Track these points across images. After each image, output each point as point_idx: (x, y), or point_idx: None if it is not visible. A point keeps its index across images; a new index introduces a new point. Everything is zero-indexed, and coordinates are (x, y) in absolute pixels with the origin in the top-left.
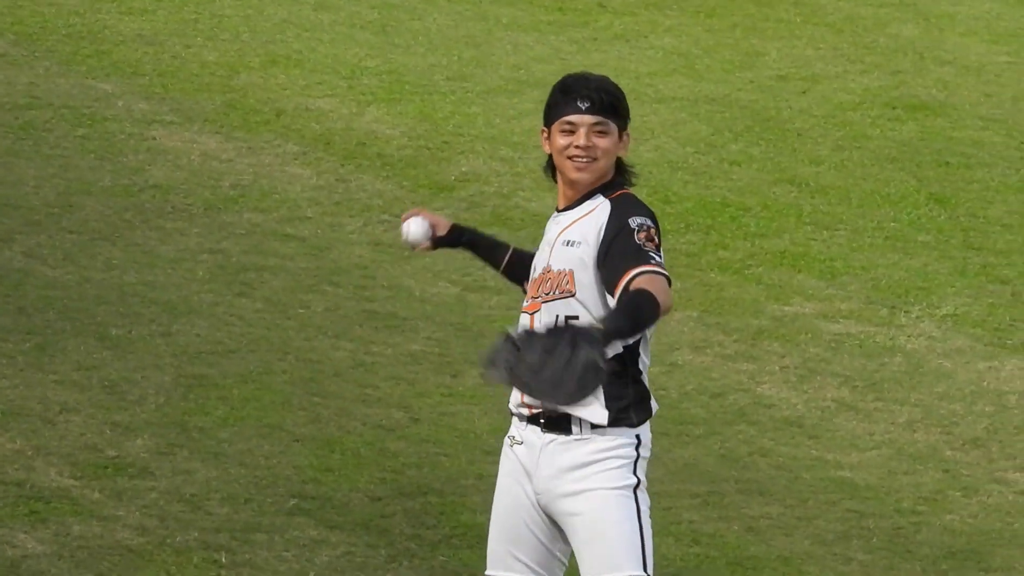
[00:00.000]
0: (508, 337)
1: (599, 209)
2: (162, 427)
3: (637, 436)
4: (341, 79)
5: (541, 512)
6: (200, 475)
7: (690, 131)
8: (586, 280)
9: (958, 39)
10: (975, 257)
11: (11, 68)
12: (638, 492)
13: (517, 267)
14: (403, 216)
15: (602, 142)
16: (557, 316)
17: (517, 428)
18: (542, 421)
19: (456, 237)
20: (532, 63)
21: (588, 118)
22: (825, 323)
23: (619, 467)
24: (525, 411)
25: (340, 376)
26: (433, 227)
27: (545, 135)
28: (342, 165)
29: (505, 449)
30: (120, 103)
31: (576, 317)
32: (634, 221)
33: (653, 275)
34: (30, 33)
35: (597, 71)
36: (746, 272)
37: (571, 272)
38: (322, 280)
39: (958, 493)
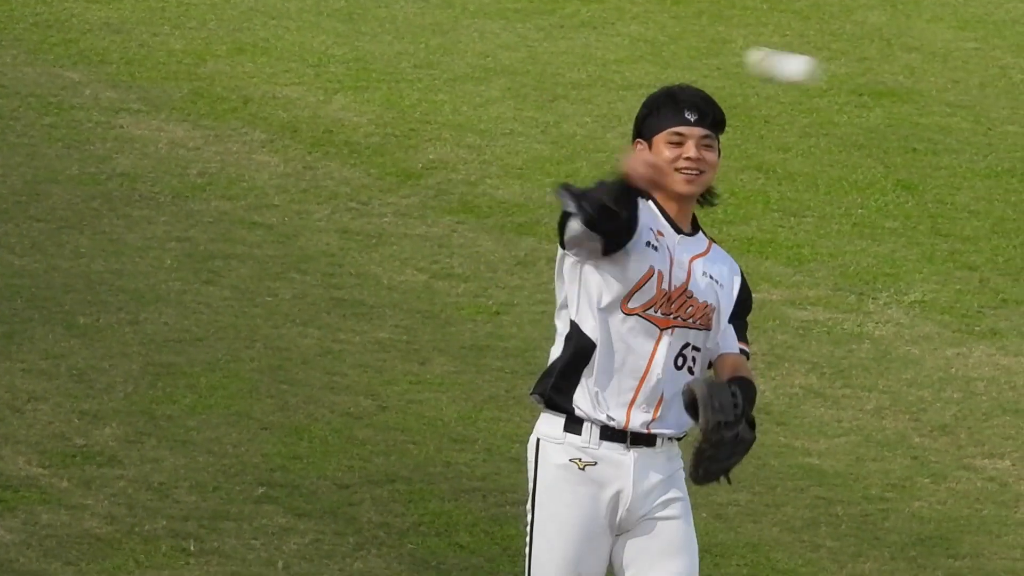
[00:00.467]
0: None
1: (718, 258)
2: (130, 415)
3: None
4: (308, 67)
5: (613, 530)
6: (168, 463)
7: None
8: (719, 322)
9: (925, 25)
10: (943, 243)
11: None
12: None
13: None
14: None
15: (710, 156)
16: (687, 344)
17: (589, 447)
18: (630, 437)
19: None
20: (499, 50)
21: (698, 130)
22: (793, 310)
23: (683, 474)
24: (624, 425)
25: (308, 364)
26: None
27: (641, 147)
28: (309, 153)
29: (563, 479)
30: (87, 91)
31: (699, 351)
32: (751, 296)
33: (746, 353)
34: None
35: (564, 58)
36: None
37: (715, 309)
38: (289, 268)
39: (926, 480)
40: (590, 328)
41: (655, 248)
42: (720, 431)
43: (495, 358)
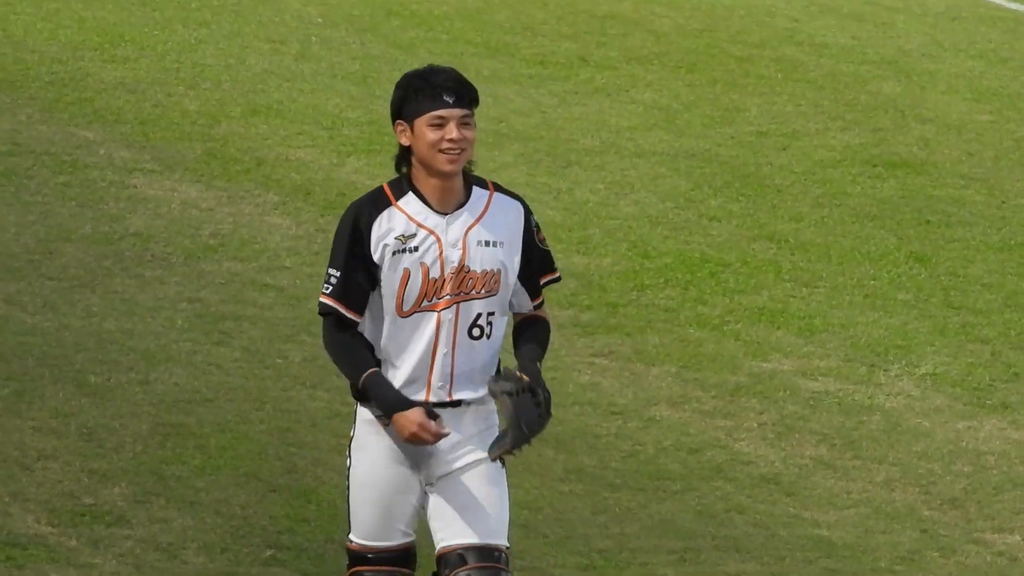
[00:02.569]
0: (530, 391)
1: (499, 205)
2: (139, 475)
3: None
4: (322, 129)
5: (421, 483)
6: (176, 524)
7: (670, 186)
8: (508, 280)
9: (939, 97)
10: (955, 316)
11: None
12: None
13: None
14: None
15: (469, 134)
16: (479, 315)
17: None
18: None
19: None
20: (513, 116)
21: (456, 111)
22: (803, 380)
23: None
24: (426, 399)
25: (317, 426)
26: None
27: (402, 128)
28: (322, 215)
29: (370, 434)
30: (101, 150)
31: (493, 314)
32: (533, 220)
33: (552, 283)
34: (12, 80)
35: (577, 124)
36: (725, 328)
37: (498, 272)
38: (300, 330)
39: (936, 553)
40: (369, 332)
41: (409, 250)
42: (527, 441)
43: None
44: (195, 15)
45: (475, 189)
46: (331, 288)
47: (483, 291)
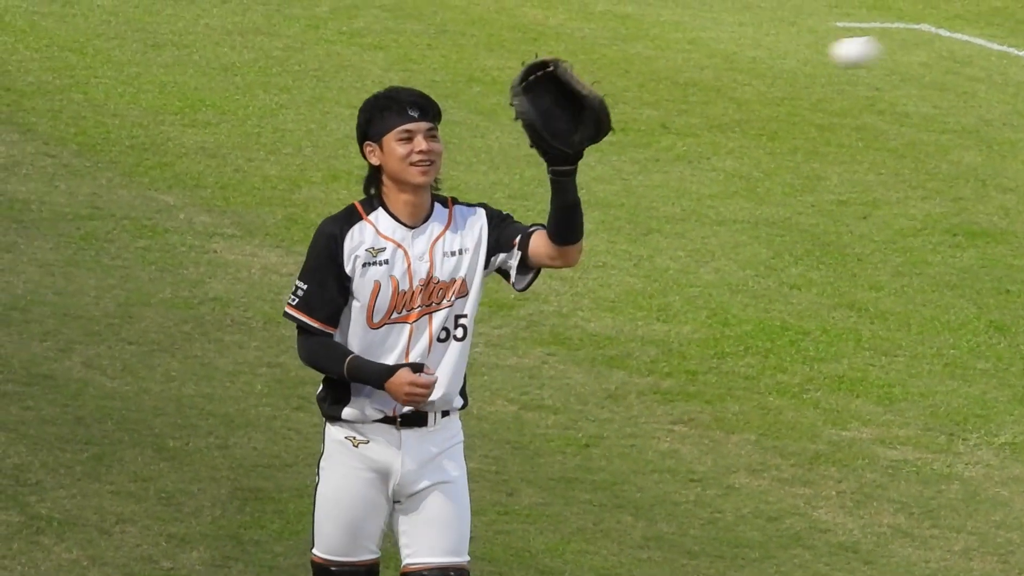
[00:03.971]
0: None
1: (460, 216)
2: (218, 540)
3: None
4: None
5: (389, 500)
6: None
7: (750, 254)
8: (476, 283)
9: (1020, 167)
10: None
11: (74, 178)
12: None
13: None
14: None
15: (436, 146)
16: (448, 318)
17: (363, 431)
18: (399, 420)
19: None
20: (594, 183)
21: (423, 124)
22: (882, 449)
23: (459, 449)
24: (393, 413)
25: None
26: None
27: (370, 148)
28: None
29: (338, 452)
30: (181, 215)
31: (465, 315)
32: (494, 211)
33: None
34: (93, 144)
35: (658, 192)
36: (804, 396)
37: (463, 278)
38: None
39: None
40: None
41: (379, 263)
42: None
43: (583, 491)
44: (276, 80)
45: (437, 205)
46: (296, 300)
47: (453, 298)
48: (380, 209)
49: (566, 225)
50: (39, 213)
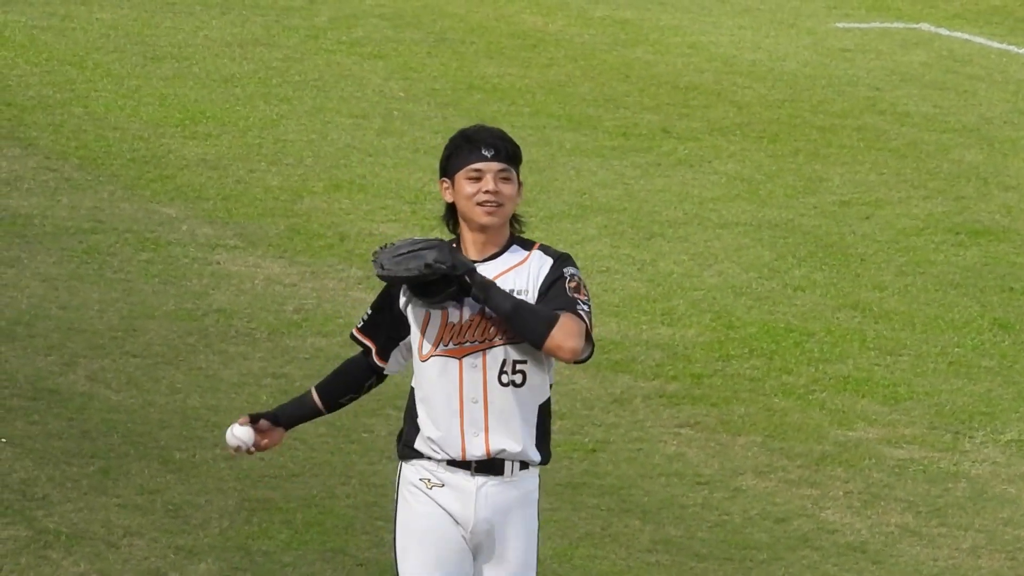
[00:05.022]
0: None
1: (535, 260)
2: (225, 551)
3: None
4: (404, 204)
5: (467, 544)
6: None
7: (753, 256)
8: None
9: (1022, 164)
10: None
11: (75, 192)
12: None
13: (332, 391)
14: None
15: (507, 188)
16: (504, 360)
17: (437, 471)
18: (474, 465)
19: (275, 422)
20: (595, 188)
21: (494, 165)
22: (889, 448)
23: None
24: (461, 456)
25: None
26: (257, 433)
27: (446, 185)
28: None
29: (414, 492)
30: (184, 227)
31: (524, 362)
32: (568, 271)
33: (573, 316)
34: (94, 157)
35: (661, 196)
36: (809, 397)
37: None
38: (385, 404)
39: None
40: (413, 378)
41: None
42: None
43: (591, 495)
44: (276, 91)
45: (515, 247)
46: (361, 323)
47: (506, 337)
48: (455, 244)
49: (516, 330)
50: (42, 227)
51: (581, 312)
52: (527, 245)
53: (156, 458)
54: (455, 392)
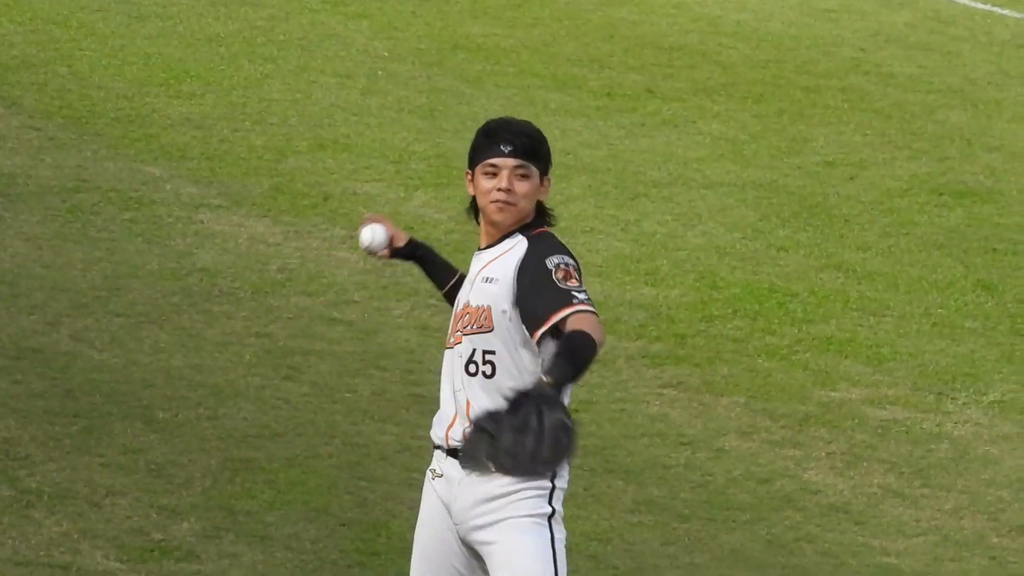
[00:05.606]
0: (479, 427)
1: (517, 247)
2: (208, 511)
3: None
4: (389, 163)
5: (461, 544)
6: (246, 559)
7: (737, 216)
8: (502, 317)
9: (1006, 125)
10: (1022, 344)
11: (59, 151)
12: (552, 521)
13: (457, 292)
14: (361, 220)
15: (522, 186)
16: (473, 350)
17: (438, 461)
18: (460, 455)
19: (412, 250)
20: (580, 148)
21: (510, 161)
22: (872, 409)
23: (533, 497)
24: (445, 443)
25: (387, 460)
26: (392, 237)
27: (469, 177)
28: None
29: (426, 481)
30: (168, 187)
31: (493, 352)
32: (551, 261)
33: (582, 315)
34: (78, 117)
35: (645, 156)
36: (793, 358)
37: (488, 308)
38: (369, 364)
39: None
40: None
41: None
42: (499, 467)
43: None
44: (261, 51)
45: (516, 234)
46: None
47: (474, 326)
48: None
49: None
50: (25, 187)
51: (581, 303)
52: (527, 229)
53: (139, 417)
54: (448, 381)
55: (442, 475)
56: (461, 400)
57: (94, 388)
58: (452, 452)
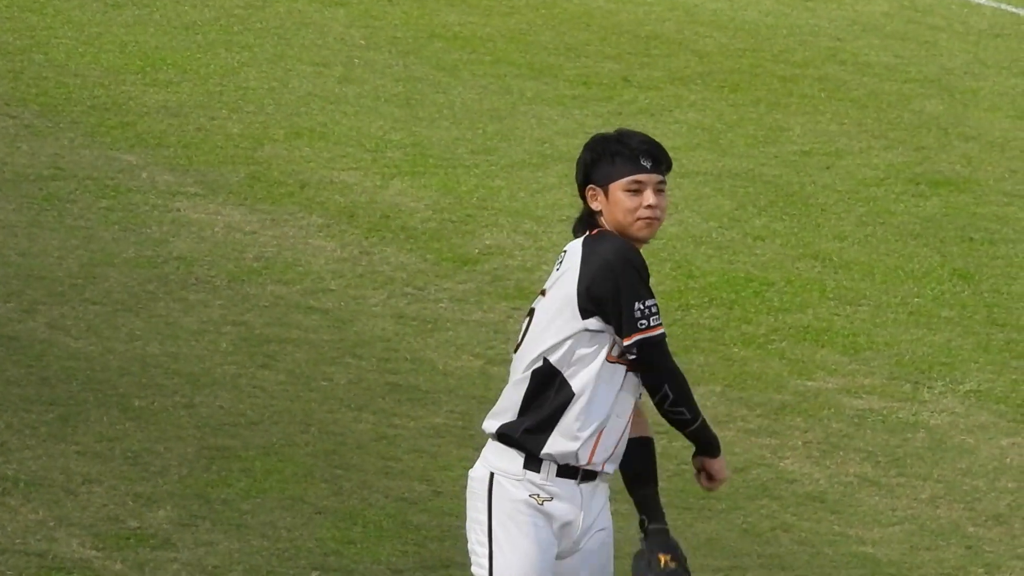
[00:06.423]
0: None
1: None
2: (184, 498)
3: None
4: (365, 152)
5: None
6: (222, 547)
7: (714, 205)
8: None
9: (982, 115)
10: (998, 333)
11: (35, 139)
12: None
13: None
14: None
15: (664, 201)
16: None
17: (555, 483)
18: (581, 473)
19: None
20: (556, 137)
21: (655, 177)
22: (848, 398)
23: None
24: (587, 464)
25: (362, 448)
26: None
27: (593, 193)
28: (366, 238)
29: (523, 510)
30: (144, 174)
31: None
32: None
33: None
34: (55, 104)
35: None
36: (769, 347)
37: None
38: (345, 352)
39: (981, 570)
40: (572, 376)
41: None
42: None
43: None
44: (238, 38)
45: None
46: (659, 316)
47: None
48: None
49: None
50: (1, 174)
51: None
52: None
53: (115, 405)
54: (610, 401)
55: (552, 498)
56: (615, 427)
57: (70, 376)
58: (585, 474)
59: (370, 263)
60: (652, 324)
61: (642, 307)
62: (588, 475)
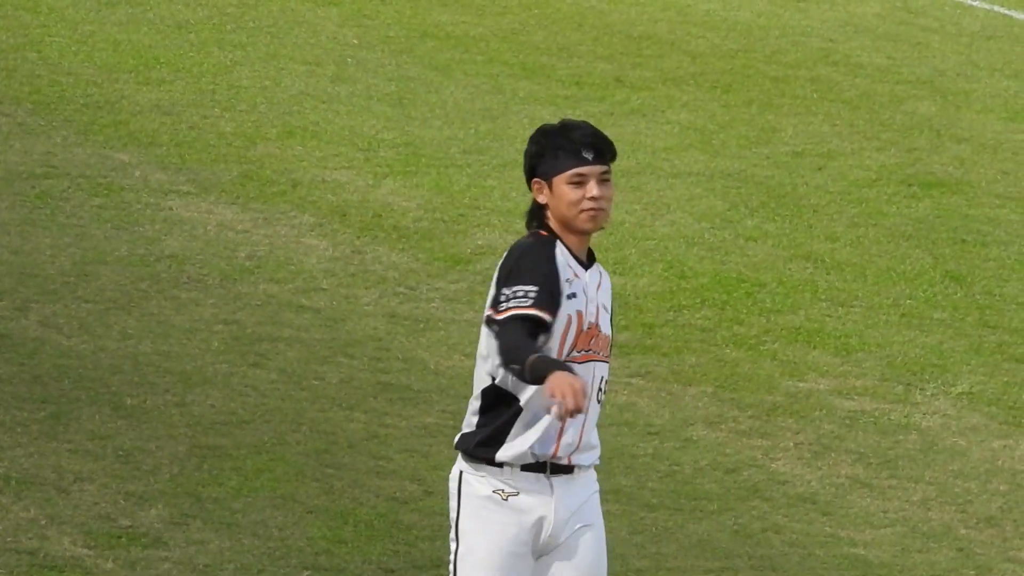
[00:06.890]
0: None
1: (604, 275)
2: (176, 497)
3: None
4: (358, 151)
5: (535, 556)
6: (213, 546)
7: (706, 206)
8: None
9: (975, 116)
10: (990, 335)
11: (28, 137)
12: None
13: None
14: None
15: (608, 191)
16: (602, 378)
17: (520, 480)
18: (549, 467)
19: None
20: None
21: (597, 168)
22: (840, 400)
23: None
24: (553, 458)
25: (354, 448)
26: None
27: (539, 186)
28: (358, 237)
29: (490, 507)
30: (137, 173)
31: (606, 381)
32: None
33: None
34: (48, 102)
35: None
36: (761, 348)
37: (609, 338)
38: (337, 352)
39: (972, 572)
40: (512, 384)
41: (573, 295)
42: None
43: None
44: (230, 37)
45: (593, 257)
46: (532, 301)
47: (603, 355)
48: (558, 241)
49: None
50: None
51: None
52: (592, 255)
53: (107, 404)
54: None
55: (518, 493)
56: (578, 421)
57: (62, 374)
58: (555, 468)
59: (362, 262)
60: (504, 308)
61: (508, 292)
62: (559, 468)
